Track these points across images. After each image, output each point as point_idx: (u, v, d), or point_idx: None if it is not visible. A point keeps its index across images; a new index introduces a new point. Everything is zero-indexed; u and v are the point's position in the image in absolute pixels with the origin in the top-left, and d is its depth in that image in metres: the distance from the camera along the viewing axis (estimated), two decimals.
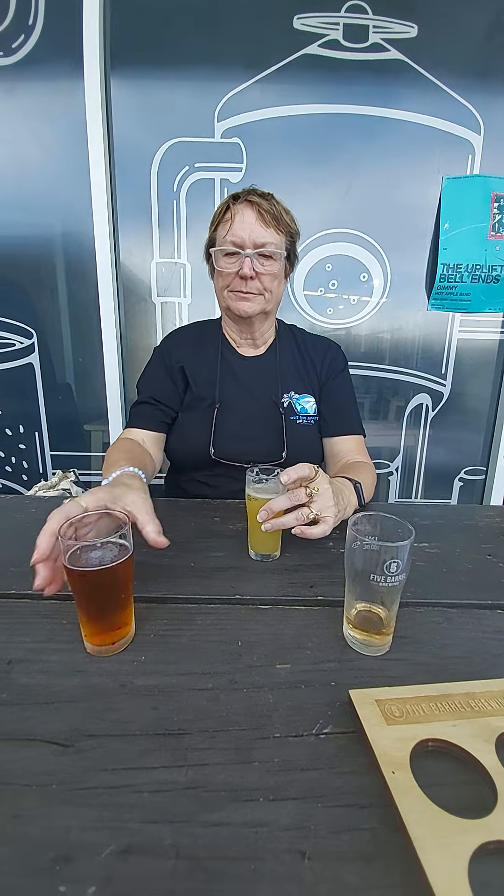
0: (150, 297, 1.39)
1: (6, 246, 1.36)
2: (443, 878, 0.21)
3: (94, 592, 0.39)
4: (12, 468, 1.53)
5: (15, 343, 1.44)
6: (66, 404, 1.48)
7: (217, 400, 0.83)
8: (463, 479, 1.55)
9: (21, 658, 0.39)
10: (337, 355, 0.92)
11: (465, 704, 0.32)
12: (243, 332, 0.88)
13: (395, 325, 1.41)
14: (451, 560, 0.60)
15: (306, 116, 1.30)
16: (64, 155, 1.31)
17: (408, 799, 0.25)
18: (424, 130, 1.29)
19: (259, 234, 0.76)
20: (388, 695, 0.33)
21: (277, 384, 0.86)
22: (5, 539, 0.63)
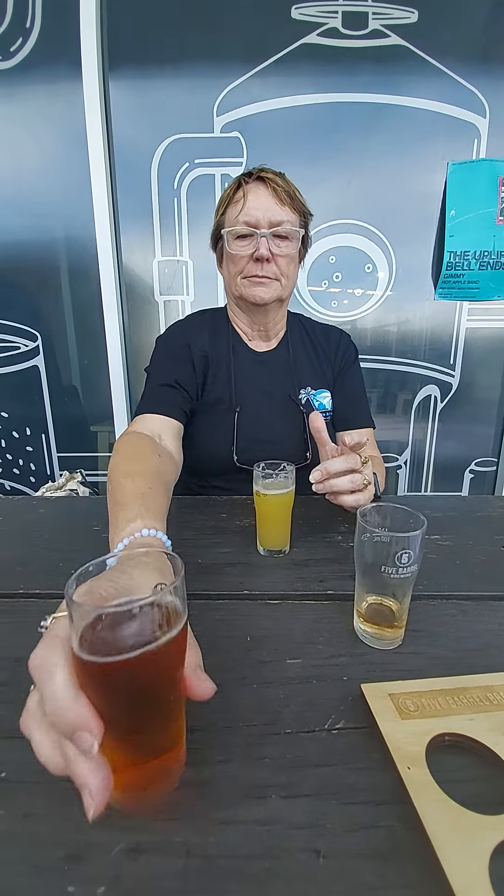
0: (153, 295, 1.39)
1: (9, 249, 1.37)
2: (462, 876, 0.21)
3: (126, 694, 0.22)
4: (20, 470, 1.54)
5: (20, 346, 1.45)
6: (72, 406, 1.49)
7: (235, 402, 0.79)
8: (473, 470, 1.53)
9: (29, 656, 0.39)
10: (349, 346, 0.89)
11: (483, 698, 0.31)
12: (255, 323, 0.82)
13: (401, 316, 1.39)
14: (464, 552, 0.59)
15: (307, 107, 1.28)
16: (64, 156, 1.31)
17: (424, 795, 0.24)
18: (428, 116, 1.27)
19: (275, 213, 0.71)
20: (401, 688, 0.32)
21: (294, 381, 0.83)
22: (13, 539, 0.64)
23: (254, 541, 0.60)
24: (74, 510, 0.77)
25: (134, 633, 0.22)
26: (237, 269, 0.75)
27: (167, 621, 0.23)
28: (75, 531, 0.66)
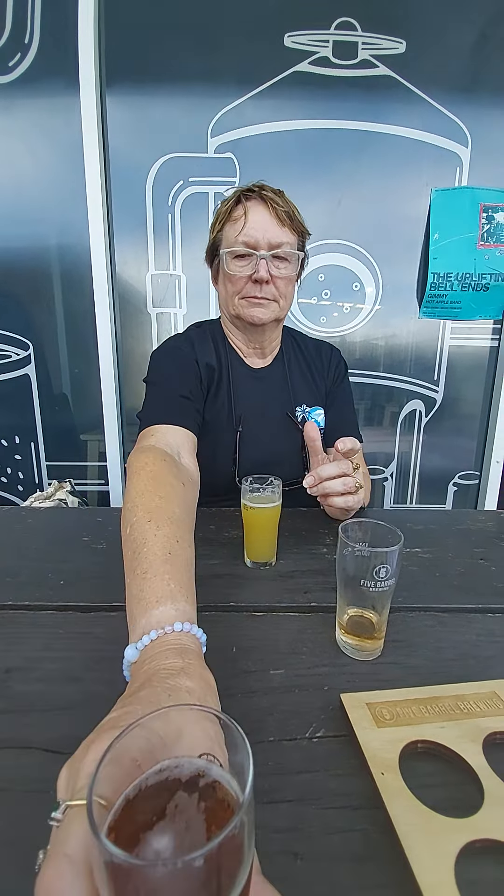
0: (146, 307, 1.41)
1: (3, 259, 1.38)
2: (430, 876, 0.22)
3: None
4: (8, 479, 1.53)
5: (11, 355, 1.45)
6: (62, 414, 1.49)
7: (237, 421, 0.78)
8: (457, 483, 1.57)
9: (19, 666, 0.39)
10: (339, 361, 0.91)
11: (455, 707, 0.32)
12: (252, 342, 0.82)
13: (387, 332, 1.43)
14: (444, 564, 0.61)
15: (298, 132, 1.33)
16: (61, 171, 1.33)
17: (396, 800, 0.26)
18: (413, 144, 1.33)
19: (275, 234, 0.70)
20: (378, 698, 0.33)
21: (290, 397, 0.83)
22: (1, 551, 0.64)
23: (241, 552, 0.61)
24: (63, 521, 0.77)
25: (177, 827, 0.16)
26: (235, 288, 0.75)
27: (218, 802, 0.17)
28: (65, 542, 0.67)
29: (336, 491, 0.56)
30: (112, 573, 0.58)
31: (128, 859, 0.14)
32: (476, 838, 0.23)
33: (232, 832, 0.14)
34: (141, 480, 0.48)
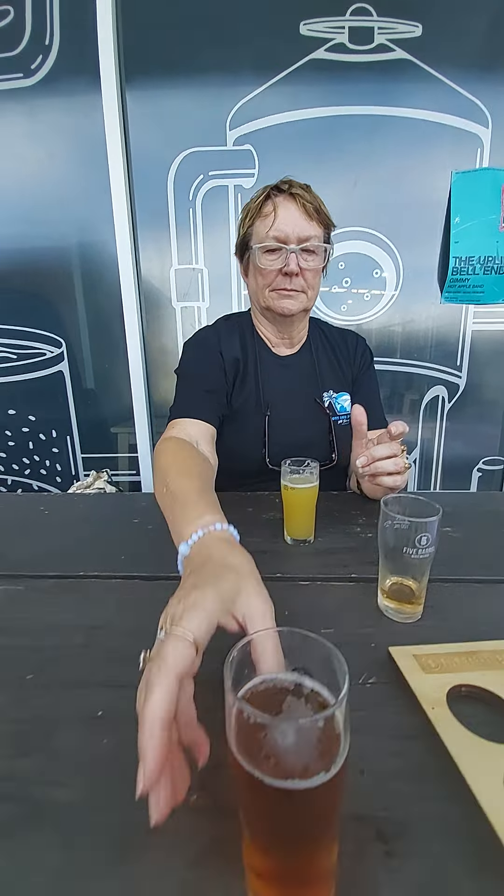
0: (171, 302, 1.46)
1: (35, 260, 1.44)
2: (483, 784, 0.26)
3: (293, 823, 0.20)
4: (47, 471, 1.62)
5: (46, 353, 1.52)
6: (94, 408, 1.56)
7: (265, 406, 0.82)
8: (481, 469, 1.58)
9: (101, 625, 0.45)
10: (365, 349, 0.93)
11: (493, 659, 0.36)
12: (281, 332, 0.85)
13: (408, 318, 1.44)
14: (474, 543, 0.64)
15: (315, 120, 1.34)
16: (85, 170, 1.38)
17: (447, 729, 0.30)
18: (432, 127, 1.32)
19: (303, 228, 0.74)
20: (423, 651, 0.38)
21: (318, 383, 0.86)
22: (63, 530, 0.70)
23: (280, 532, 0.66)
24: (111, 505, 0.83)
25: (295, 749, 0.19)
26: (266, 281, 0.78)
27: (331, 752, 0.20)
28: (117, 524, 0.73)
29: (387, 470, 0.59)
30: (165, 549, 0.63)
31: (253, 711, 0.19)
32: None
33: (334, 711, 0.19)
34: (167, 457, 0.59)
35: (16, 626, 0.47)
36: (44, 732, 0.33)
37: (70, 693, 0.37)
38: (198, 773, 0.26)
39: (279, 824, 0.20)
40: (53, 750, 0.32)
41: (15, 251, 1.44)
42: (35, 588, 0.54)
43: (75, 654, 0.42)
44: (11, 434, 1.58)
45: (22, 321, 1.50)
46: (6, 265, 1.45)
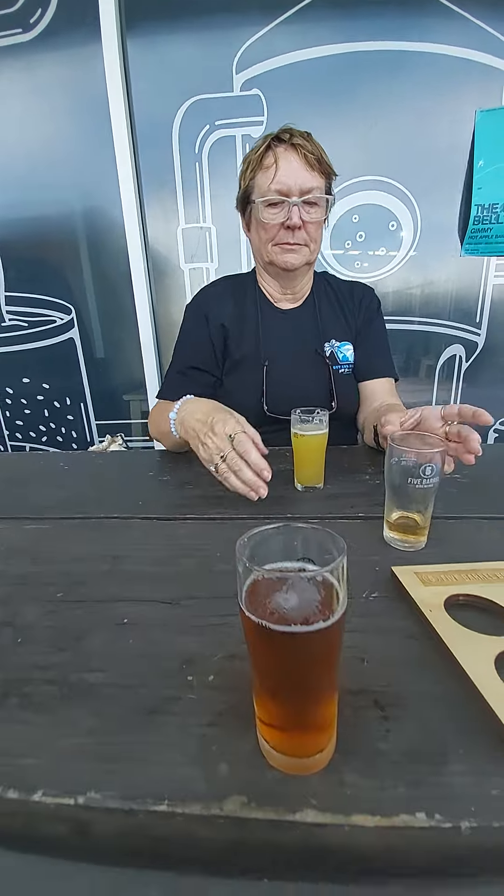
0: (179, 264, 1.44)
1: (39, 223, 1.43)
2: (476, 667, 0.29)
3: (296, 664, 0.22)
4: (63, 437, 1.67)
5: (56, 319, 1.54)
6: (106, 375, 1.58)
7: (264, 358, 0.83)
8: (498, 429, 1.55)
9: (125, 555, 0.49)
10: (372, 298, 0.92)
11: (492, 575, 0.38)
12: (284, 287, 0.86)
13: (426, 274, 1.39)
14: (482, 487, 0.65)
15: (328, 58, 1.26)
16: (88, 128, 1.34)
17: (443, 625, 0.32)
18: (454, 62, 1.22)
19: (305, 180, 0.72)
20: (425, 569, 0.40)
21: (319, 334, 0.87)
22: (84, 482, 0.74)
23: (290, 480, 0.68)
24: (128, 461, 0.87)
25: (297, 601, 0.22)
26: (268, 236, 0.77)
27: (331, 602, 0.23)
28: (134, 477, 0.76)
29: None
30: (180, 494, 0.67)
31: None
32: None
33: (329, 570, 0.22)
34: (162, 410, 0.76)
35: (44, 557, 0.51)
36: (76, 635, 0.37)
37: (97, 606, 0.41)
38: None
39: (285, 667, 0.23)
40: (85, 647, 0.36)
41: (18, 214, 1.43)
42: (61, 527, 0.58)
43: (101, 577, 0.46)
44: (27, 402, 1.63)
45: (30, 288, 1.50)
46: (9, 229, 1.45)
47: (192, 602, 0.40)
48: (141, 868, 0.22)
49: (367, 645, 0.33)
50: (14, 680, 0.33)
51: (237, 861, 0.22)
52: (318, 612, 0.22)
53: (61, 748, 0.27)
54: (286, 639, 0.21)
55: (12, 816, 0.24)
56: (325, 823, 0.21)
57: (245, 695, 0.28)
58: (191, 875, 0.21)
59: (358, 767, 0.24)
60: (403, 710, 0.27)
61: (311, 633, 0.21)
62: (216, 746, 0.26)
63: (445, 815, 0.21)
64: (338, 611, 0.22)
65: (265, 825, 0.22)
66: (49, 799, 0.24)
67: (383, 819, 0.21)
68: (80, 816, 0.24)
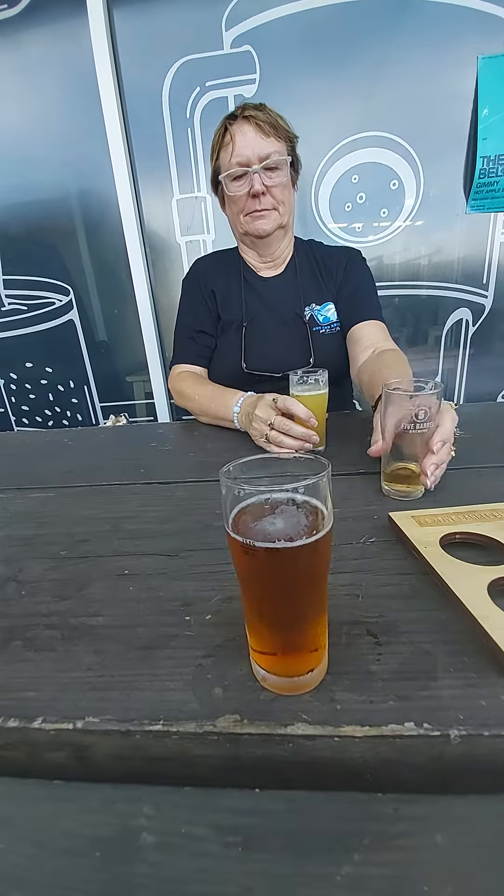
0: (175, 237, 1.41)
1: (30, 204, 1.41)
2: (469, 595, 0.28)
3: (287, 584, 0.23)
4: (69, 421, 1.68)
5: (55, 301, 1.53)
6: (108, 356, 1.57)
7: (245, 319, 0.88)
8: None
9: (127, 516, 0.49)
10: (354, 256, 0.93)
11: (491, 515, 0.38)
12: (263, 255, 0.90)
13: (429, 235, 1.34)
14: (486, 441, 0.64)
15: (322, 9, 1.19)
16: (76, 102, 1.30)
17: (438, 559, 0.32)
18: (453, 10, 1.15)
19: (262, 147, 0.76)
20: (422, 512, 0.39)
21: (299, 298, 0.90)
22: (89, 454, 0.75)
23: None
24: (131, 434, 0.88)
25: (284, 523, 0.22)
26: (238, 207, 0.82)
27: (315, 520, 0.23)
28: (136, 447, 0.77)
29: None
30: (181, 461, 0.67)
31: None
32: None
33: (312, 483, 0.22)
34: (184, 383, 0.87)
35: (49, 520, 0.51)
36: (78, 585, 0.38)
37: (99, 560, 0.42)
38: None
39: (273, 585, 0.23)
40: (87, 596, 0.36)
41: (9, 195, 1.41)
42: (65, 494, 0.58)
43: (103, 536, 0.46)
44: (31, 387, 1.64)
45: (25, 270, 1.49)
46: (2, 210, 1.43)
47: (191, 553, 0.40)
48: (136, 785, 0.23)
49: (362, 583, 0.33)
50: (17, 626, 0.34)
51: (231, 776, 0.23)
52: (303, 530, 0.22)
53: (61, 682, 0.28)
54: (271, 556, 0.21)
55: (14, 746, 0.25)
56: (316, 735, 0.22)
57: (242, 630, 0.29)
58: (184, 790, 0.22)
59: (349, 687, 0.24)
60: (396, 637, 0.27)
61: (296, 549, 0.21)
62: (211, 675, 0.27)
63: (434, 723, 0.21)
64: (322, 529, 0.22)
65: (257, 740, 0.22)
66: (49, 725, 0.25)
67: (372, 729, 0.21)
68: (79, 740, 0.24)
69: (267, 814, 0.20)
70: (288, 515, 0.22)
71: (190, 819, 0.19)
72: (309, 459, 0.24)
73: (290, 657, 0.24)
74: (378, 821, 0.19)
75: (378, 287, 0.93)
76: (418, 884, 0.17)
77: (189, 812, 0.20)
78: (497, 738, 0.21)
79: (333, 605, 0.31)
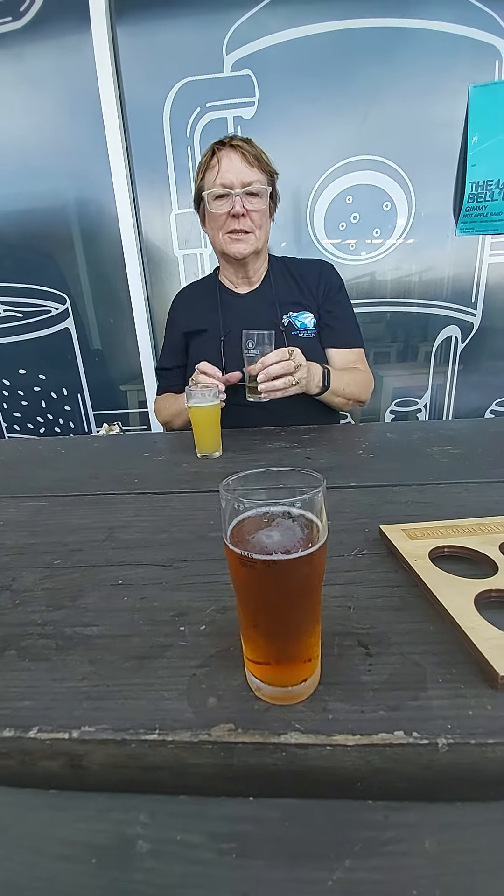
0: (173, 250, 1.43)
1: (30, 214, 1.42)
2: (456, 606, 0.29)
3: (283, 595, 0.23)
4: (61, 428, 1.67)
5: (50, 309, 1.53)
6: (102, 365, 1.58)
7: (223, 331, 0.93)
8: (494, 410, 1.55)
9: (120, 525, 0.50)
10: (331, 275, 0.98)
11: (477, 529, 0.39)
12: (238, 273, 0.96)
13: (420, 256, 1.38)
14: (474, 457, 0.66)
15: (320, 36, 1.24)
16: (78, 115, 1.33)
17: (427, 572, 0.33)
18: (446, 38, 1.21)
19: (245, 174, 0.83)
20: (412, 525, 0.40)
21: (276, 309, 0.94)
22: (82, 463, 0.75)
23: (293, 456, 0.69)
24: (124, 443, 0.88)
25: (281, 536, 0.23)
26: (217, 224, 0.87)
27: (310, 533, 0.23)
28: (130, 457, 0.77)
29: (275, 374, 0.71)
30: (174, 471, 0.67)
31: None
32: (491, 588, 0.31)
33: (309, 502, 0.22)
34: (164, 400, 0.99)
35: (42, 529, 0.51)
36: (73, 595, 0.38)
37: (93, 570, 0.42)
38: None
39: (269, 596, 0.23)
40: (81, 605, 0.37)
41: (9, 204, 1.43)
42: (58, 502, 0.58)
43: (97, 546, 0.46)
44: (24, 394, 1.63)
45: (22, 278, 1.50)
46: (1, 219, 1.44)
47: (185, 564, 0.41)
48: (132, 794, 0.23)
49: (353, 594, 0.34)
50: (12, 635, 0.34)
51: (225, 785, 0.23)
52: (299, 543, 0.23)
53: (56, 692, 0.28)
54: (267, 568, 0.22)
55: (9, 755, 0.25)
56: (308, 744, 0.22)
57: (236, 640, 0.29)
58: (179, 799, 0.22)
59: (341, 696, 0.25)
60: (386, 648, 0.28)
61: (292, 561, 0.22)
62: (205, 684, 0.27)
63: (423, 733, 0.22)
64: (316, 542, 0.23)
65: (251, 748, 0.23)
66: (44, 735, 0.25)
67: (363, 738, 0.22)
68: (75, 749, 0.24)
69: (261, 821, 0.20)
70: (285, 529, 0.23)
71: (185, 827, 0.20)
72: (305, 474, 0.25)
73: (284, 667, 0.25)
74: (369, 828, 0.20)
75: (370, 303, 0.98)
76: (408, 889, 0.18)
77: (184, 820, 0.20)
78: (484, 746, 0.22)
79: (326, 617, 0.32)
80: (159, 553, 0.43)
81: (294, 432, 0.83)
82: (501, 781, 0.22)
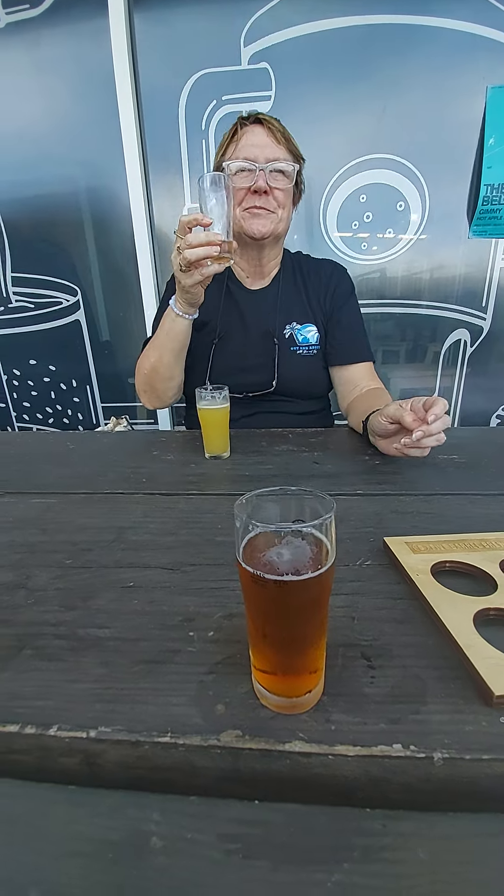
0: None
1: (44, 204, 1.42)
2: (455, 623, 0.31)
3: (292, 611, 0.24)
4: (69, 420, 1.69)
5: (62, 301, 1.54)
6: (112, 357, 1.59)
7: (217, 334, 0.88)
8: (500, 416, 1.55)
9: (130, 526, 0.51)
10: (342, 279, 0.94)
11: (479, 544, 0.40)
12: (251, 260, 0.90)
13: (432, 257, 1.37)
14: (479, 467, 0.66)
15: (338, 31, 1.22)
16: (94, 105, 1.32)
17: (428, 588, 0.34)
18: (466, 38, 1.18)
19: (272, 150, 0.78)
20: (415, 539, 0.41)
21: (276, 317, 0.90)
22: (90, 460, 0.76)
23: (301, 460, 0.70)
24: (133, 440, 0.89)
25: (291, 556, 0.24)
26: (236, 200, 0.81)
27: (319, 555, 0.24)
28: (139, 455, 0.78)
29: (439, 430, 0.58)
30: (182, 472, 0.69)
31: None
32: (490, 606, 0.32)
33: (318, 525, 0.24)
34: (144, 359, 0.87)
35: (52, 527, 0.53)
36: (84, 596, 0.40)
37: (103, 570, 0.43)
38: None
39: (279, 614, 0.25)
40: (92, 606, 0.38)
41: (23, 193, 1.42)
42: (67, 501, 0.60)
43: (107, 546, 0.48)
44: (34, 384, 1.64)
45: (35, 268, 1.50)
46: (14, 207, 1.44)
47: (194, 568, 0.42)
48: (145, 793, 0.25)
49: (357, 605, 0.35)
50: (28, 634, 0.35)
51: (232, 788, 0.25)
52: (308, 564, 0.24)
53: (72, 692, 0.29)
54: (279, 587, 0.23)
55: (28, 751, 0.27)
56: (311, 753, 0.24)
57: (242, 648, 0.31)
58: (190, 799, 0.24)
59: (344, 708, 0.26)
60: (388, 661, 0.29)
61: (302, 582, 0.23)
62: (213, 691, 0.28)
63: (420, 746, 0.23)
64: (326, 563, 0.24)
65: (257, 755, 0.24)
66: (63, 733, 0.26)
67: (363, 749, 0.23)
68: (92, 748, 0.26)
69: (266, 824, 0.21)
70: (295, 549, 0.24)
71: (195, 826, 0.21)
72: (315, 496, 0.26)
73: (290, 678, 0.26)
74: (367, 835, 0.21)
75: (380, 304, 0.96)
76: (402, 894, 0.19)
77: (194, 820, 0.22)
78: (478, 762, 0.23)
79: (331, 627, 0.33)
80: (167, 556, 0.45)
81: (301, 435, 0.84)
82: (494, 795, 0.23)
